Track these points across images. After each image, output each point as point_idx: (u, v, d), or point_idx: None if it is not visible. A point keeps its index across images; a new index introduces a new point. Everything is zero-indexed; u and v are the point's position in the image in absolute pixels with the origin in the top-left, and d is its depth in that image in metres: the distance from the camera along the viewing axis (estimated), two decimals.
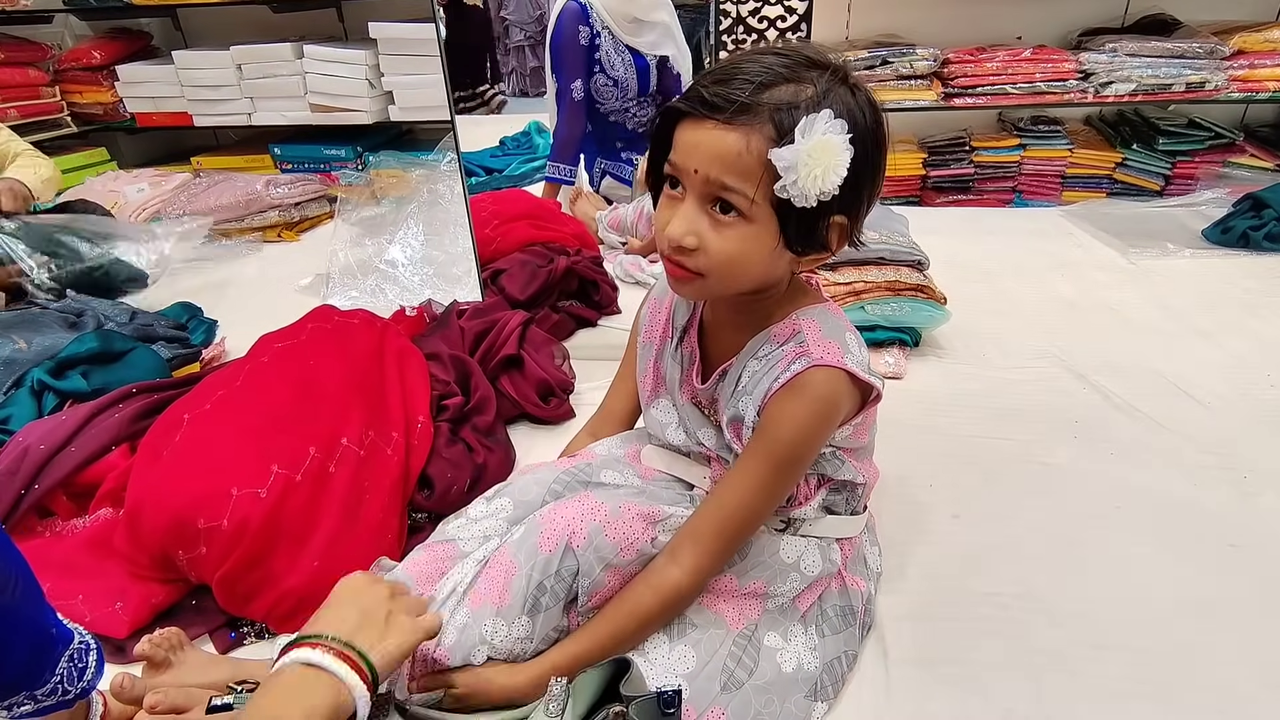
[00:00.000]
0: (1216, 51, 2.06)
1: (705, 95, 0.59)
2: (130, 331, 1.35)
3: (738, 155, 0.59)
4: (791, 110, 0.58)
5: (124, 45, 2.58)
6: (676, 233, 0.62)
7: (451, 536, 0.81)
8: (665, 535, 0.73)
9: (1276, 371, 1.32)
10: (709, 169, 0.60)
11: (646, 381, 0.85)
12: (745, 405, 0.71)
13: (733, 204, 0.61)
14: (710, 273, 0.64)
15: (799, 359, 0.67)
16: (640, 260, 1.84)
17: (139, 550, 0.85)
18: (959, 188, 2.35)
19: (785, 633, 0.75)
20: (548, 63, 2.09)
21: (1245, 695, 0.75)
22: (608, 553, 0.70)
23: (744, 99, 0.58)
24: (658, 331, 0.83)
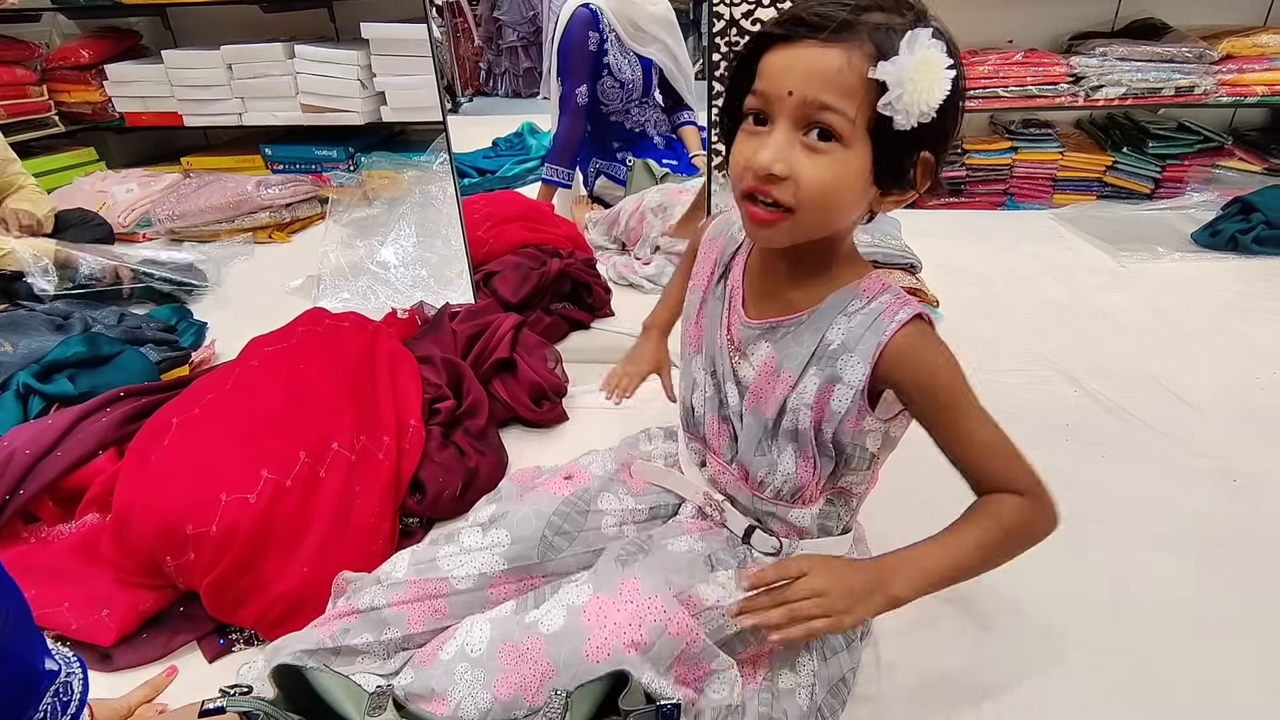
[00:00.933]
0: (1205, 56, 2.08)
1: (804, 16, 0.56)
2: (118, 334, 1.34)
3: (839, 71, 0.56)
4: (889, 31, 0.56)
5: (113, 44, 2.56)
6: (765, 159, 0.58)
7: (444, 572, 0.76)
8: (714, 625, 0.69)
9: (1265, 374, 1.33)
10: (807, 89, 0.56)
11: (691, 329, 0.79)
12: (847, 364, 0.65)
13: (831, 126, 0.57)
14: (801, 206, 0.59)
15: (904, 308, 0.64)
16: (634, 263, 1.84)
17: (126, 556, 0.84)
18: (951, 190, 2.36)
19: (794, 665, 0.74)
20: (553, 66, 2.09)
21: (1238, 699, 0.75)
22: (672, 649, 0.65)
23: (844, 16, 0.56)
24: (706, 273, 0.78)
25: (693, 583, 0.71)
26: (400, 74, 2.36)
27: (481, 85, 5.63)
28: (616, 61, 2.02)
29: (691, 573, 0.72)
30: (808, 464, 0.70)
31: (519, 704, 0.64)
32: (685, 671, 0.66)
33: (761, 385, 0.70)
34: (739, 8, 2.11)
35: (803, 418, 0.67)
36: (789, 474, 0.71)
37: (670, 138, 2.23)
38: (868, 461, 0.72)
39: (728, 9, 2.19)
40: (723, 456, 0.77)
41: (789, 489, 0.72)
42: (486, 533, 0.80)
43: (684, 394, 0.81)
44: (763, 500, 0.75)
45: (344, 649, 0.73)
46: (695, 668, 0.67)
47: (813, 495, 0.73)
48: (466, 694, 0.65)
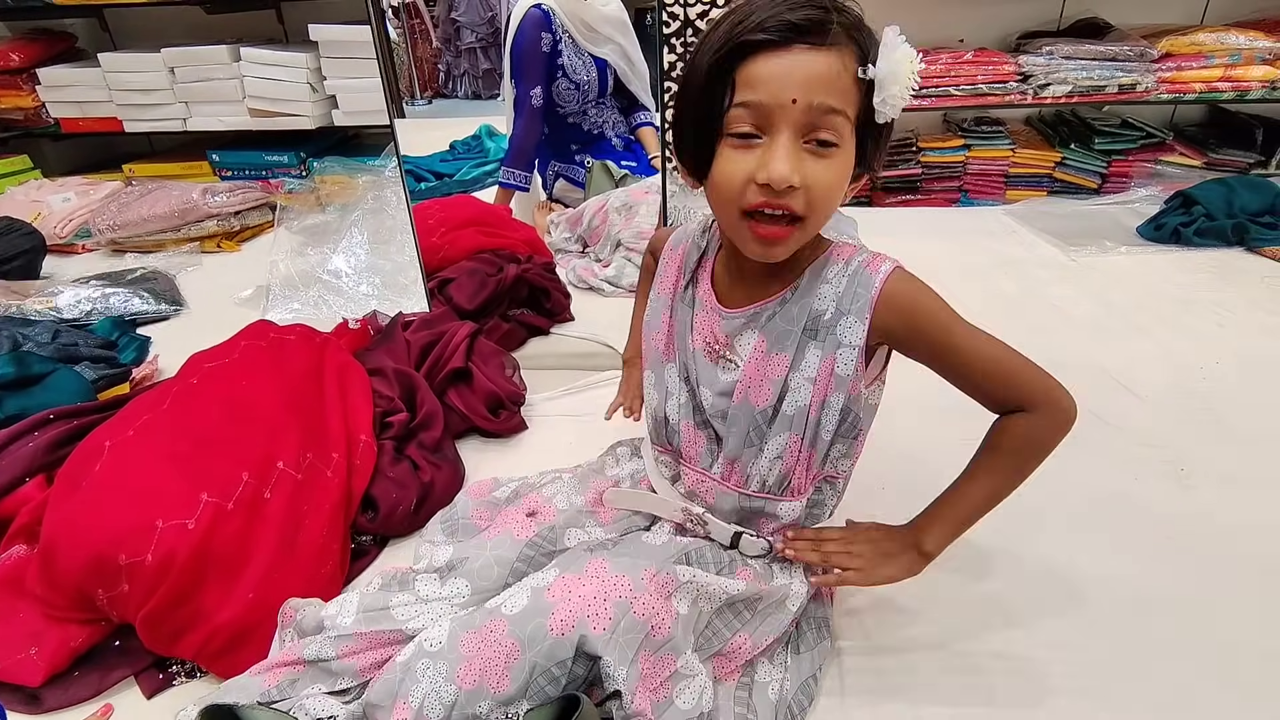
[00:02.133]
0: (1146, 54, 2.14)
1: (793, 20, 0.55)
2: (50, 352, 1.28)
3: (838, 75, 0.56)
4: (861, 31, 0.58)
5: (45, 47, 2.45)
6: (783, 173, 0.56)
7: (398, 623, 0.72)
8: (684, 605, 0.67)
9: (1209, 364, 1.37)
10: (811, 95, 0.56)
11: (660, 338, 0.77)
12: (851, 330, 0.66)
13: (834, 129, 0.57)
14: (811, 211, 0.59)
15: (882, 261, 0.66)
16: (594, 265, 1.82)
17: (55, 590, 0.80)
18: (907, 188, 2.39)
19: (773, 658, 0.74)
20: (506, 69, 2.06)
21: (1187, 689, 0.77)
22: (638, 633, 0.63)
23: (828, 19, 0.56)
24: (670, 282, 0.77)
25: (666, 565, 0.69)
26: (351, 76, 2.30)
27: (440, 87, 5.56)
28: (571, 62, 2.00)
29: (666, 556, 0.71)
30: (799, 449, 0.70)
31: (483, 692, 0.61)
32: (652, 668, 0.64)
33: (753, 373, 0.69)
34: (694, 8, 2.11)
35: (804, 395, 0.68)
36: (778, 462, 0.71)
37: (628, 139, 2.22)
38: (854, 435, 0.73)
39: (682, 9, 2.18)
40: (700, 464, 0.77)
41: (776, 479, 0.72)
42: (445, 582, 0.76)
43: (655, 406, 0.79)
44: (750, 497, 0.74)
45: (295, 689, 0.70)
46: (661, 665, 0.65)
47: (801, 484, 0.73)
48: (430, 689, 0.62)
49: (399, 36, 5.18)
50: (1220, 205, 1.90)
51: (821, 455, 0.71)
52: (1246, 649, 0.81)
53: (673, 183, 1.49)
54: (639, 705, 0.61)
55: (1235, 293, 1.64)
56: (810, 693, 0.74)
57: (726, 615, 0.71)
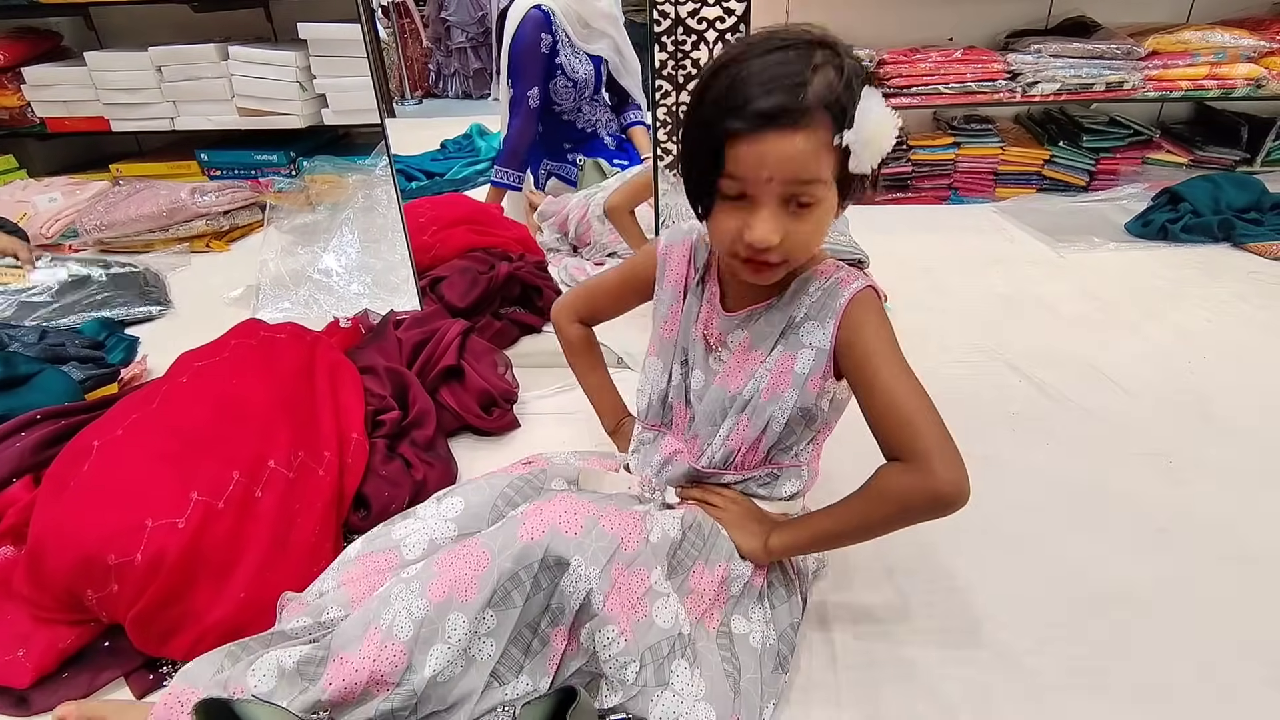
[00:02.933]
0: (1133, 52, 2.16)
1: (761, 109, 0.60)
2: (37, 352, 1.27)
3: (811, 152, 0.62)
4: (838, 96, 0.61)
5: (30, 45, 2.43)
6: (764, 237, 0.64)
7: (395, 540, 0.76)
8: (654, 534, 0.72)
9: (1195, 359, 1.39)
10: (784, 173, 0.62)
11: (668, 329, 0.84)
12: (814, 334, 0.73)
13: (813, 195, 0.64)
14: (792, 255, 0.68)
15: (855, 280, 0.72)
16: (585, 264, 1.82)
17: (43, 591, 0.79)
18: (897, 185, 2.40)
19: (747, 612, 0.77)
20: (503, 68, 2.05)
21: (1176, 679, 0.77)
22: (609, 544, 0.67)
23: (796, 104, 0.60)
24: (680, 275, 0.84)
25: (627, 504, 0.77)
26: (341, 75, 2.29)
27: (430, 87, 5.53)
28: (569, 61, 2.00)
29: (625, 499, 0.79)
30: (746, 431, 0.77)
31: (452, 603, 0.64)
32: (625, 581, 0.67)
33: (734, 364, 0.78)
34: (684, 6, 2.11)
35: (761, 384, 0.75)
36: (727, 439, 0.79)
37: (620, 138, 2.22)
38: (811, 434, 0.79)
39: (674, 8, 2.18)
40: (683, 435, 0.85)
41: (722, 456, 0.80)
42: (441, 502, 0.80)
43: (653, 389, 0.87)
44: (699, 471, 0.82)
45: (276, 635, 0.70)
46: (634, 579, 0.67)
47: (744, 462, 0.80)
48: (400, 607, 0.65)
49: (389, 35, 5.16)
50: (1207, 202, 1.92)
51: (771, 443, 0.78)
52: (1233, 639, 0.81)
53: (664, 181, 1.50)
54: (611, 609, 0.65)
55: (1222, 288, 1.66)
56: (791, 641, 0.78)
57: (685, 546, 0.75)
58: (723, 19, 2.15)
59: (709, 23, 2.17)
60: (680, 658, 0.67)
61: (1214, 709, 0.74)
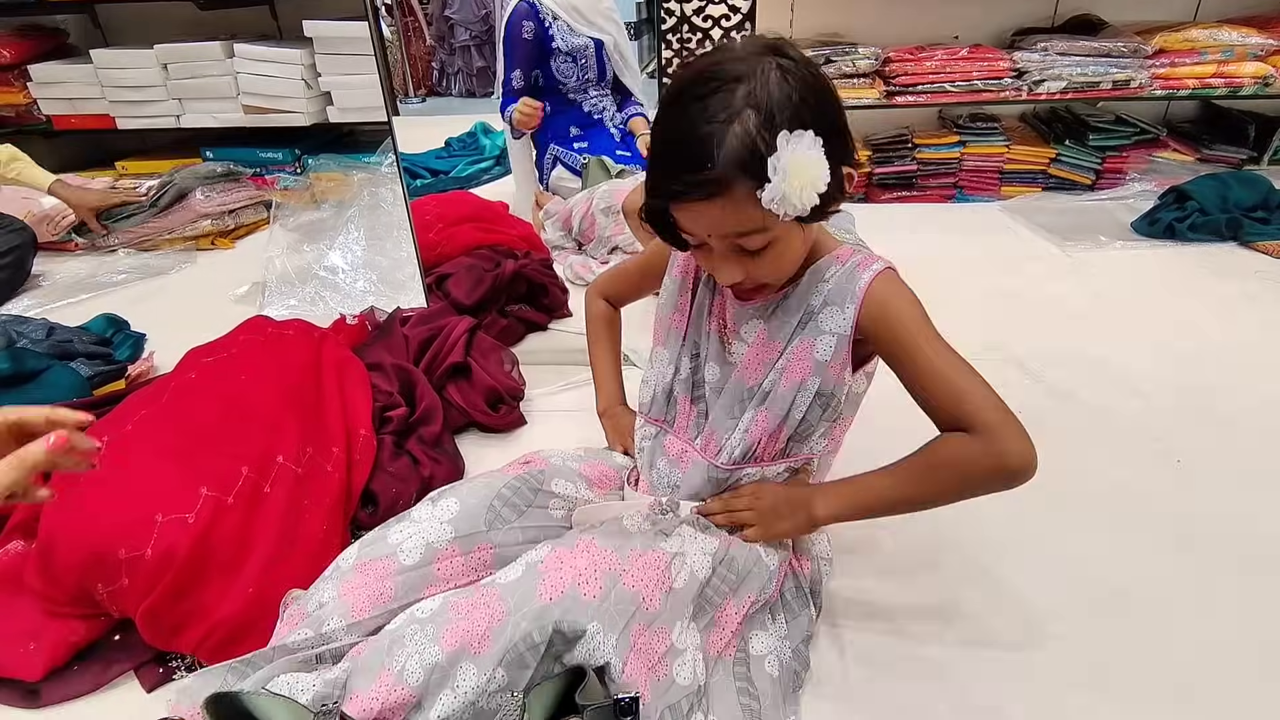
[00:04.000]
0: (1140, 51, 2.15)
1: (678, 188, 0.63)
2: (46, 349, 1.27)
3: (736, 212, 0.62)
4: (753, 154, 0.59)
5: (37, 43, 2.43)
6: (728, 281, 0.69)
7: (391, 546, 0.73)
8: (679, 580, 0.69)
9: (1203, 357, 1.38)
10: (717, 231, 0.65)
11: (677, 319, 0.84)
12: (833, 319, 0.72)
13: (754, 239, 0.65)
14: (770, 279, 0.71)
15: (874, 262, 0.71)
16: (590, 262, 1.82)
17: (54, 586, 0.79)
18: (903, 184, 2.40)
19: (764, 625, 0.77)
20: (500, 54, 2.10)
21: (1186, 677, 0.77)
22: (628, 605, 0.65)
23: (709, 176, 0.60)
24: (690, 265, 0.83)
25: (652, 542, 0.71)
26: (346, 73, 2.30)
27: (434, 85, 5.54)
28: (565, 40, 2.03)
29: (650, 536, 0.73)
30: (767, 423, 0.76)
31: (464, 653, 0.61)
32: (646, 642, 0.65)
33: (752, 357, 0.77)
34: (689, 4, 2.11)
35: (780, 375, 0.74)
36: (746, 435, 0.77)
37: (623, 129, 2.22)
38: (827, 427, 0.78)
39: (679, 5, 2.19)
40: (687, 434, 0.83)
41: (742, 451, 0.78)
42: (435, 504, 0.78)
43: (657, 381, 0.85)
44: (718, 469, 0.80)
45: (279, 649, 0.68)
46: (655, 639, 0.65)
47: (763, 456, 0.78)
48: (413, 651, 0.62)
49: (393, 34, 5.16)
50: (1214, 200, 1.92)
51: (790, 433, 0.77)
52: (1243, 637, 0.81)
53: None
54: (630, 676, 0.62)
55: (1229, 287, 1.66)
56: (804, 657, 0.77)
57: (715, 583, 0.73)
58: (728, 16, 2.15)
59: (714, 20, 2.18)
60: (699, 711, 0.66)
61: (1227, 708, 0.74)
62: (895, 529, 0.97)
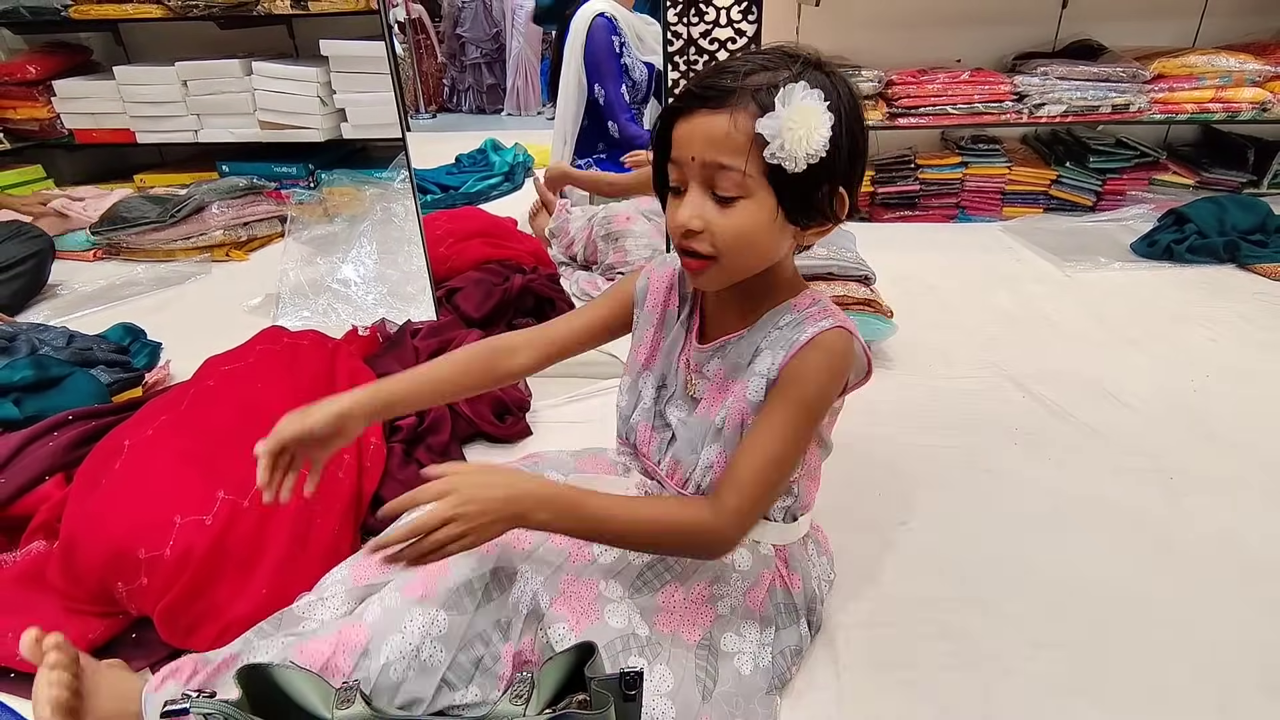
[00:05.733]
0: (1139, 75, 2.19)
1: (693, 89, 0.65)
2: (67, 356, 1.31)
3: (726, 134, 0.63)
4: (770, 89, 0.62)
5: (62, 60, 2.51)
6: (683, 217, 0.66)
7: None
8: (607, 556, 0.74)
9: (1199, 377, 1.40)
10: (703, 153, 0.64)
11: (641, 351, 0.85)
12: (765, 360, 0.72)
13: (731, 183, 0.64)
14: (721, 253, 0.67)
15: (825, 318, 0.71)
16: (597, 279, 1.85)
17: (75, 584, 0.82)
18: (906, 204, 2.43)
19: (740, 631, 0.77)
20: (578, 76, 2.08)
21: (1175, 687, 0.79)
22: (557, 556, 0.73)
23: (727, 85, 0.63)
24: (660, 300, 0.84)
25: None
26: (361, 91, 2.36)
27: (445, 101, 5.62)
28: (632, 63, 2.06)
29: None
30: (723, 459, 0.76)
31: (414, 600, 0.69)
32: (575, 589, 0.71)
33: (712, 393, 0.78)
34: (696, 27, 2.16)
35: (731, 414, 0.74)
36: (710, 471, 0.77)
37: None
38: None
39: (686, 28, 2.24)
40: (652, 459, 0.84)
41: (709, 483, 0.78)
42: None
43: (624, 407, 0.87)
44: (686, 495, 0.81)
45: (286, 613, 0.74)
46: (584, 587, 0.71)
47: None
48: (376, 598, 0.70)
49: (405, 51, 5.25)
50: (1212, 223, 1.94)
51: None
52: (1231, 648, 0.83)
53: None
54: (559, 610, 0.69)
55: (1226, 308, 1.68)
56: (784, 666, 0.78)
57: (656, 567, 0.76)
58: (734, 39, 2.20)
59: (720, 43, 2.22)
60: (637, 654, 0.69)
61: (1214, 715, 0.76)
62: (888, 547, 0.99)
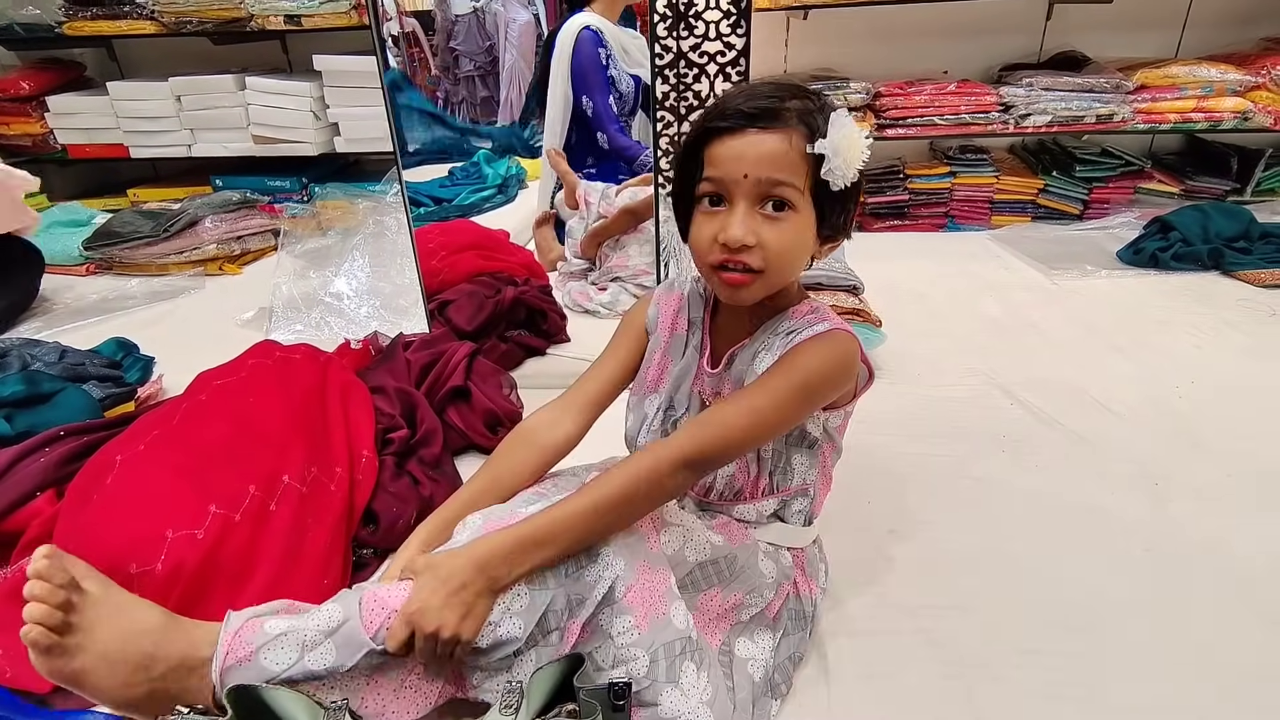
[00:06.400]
0: (1122, 86, 2.22)
1: (743, 109, 0.67)
2: (59, 371, 1.31)
3: (785, 153, 0.67)
4: (813, 114, 0.68)
5: (55, 75, 2.52)
6: (738, 234, 0.68)
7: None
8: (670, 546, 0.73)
9: (1184, 384, 1.42)
10: (759, 170, 0.67)
11: (648, 374, 0.85)
12: (762, 361, 0.74)
13: (785, 198, 0.68)
14: (768, 266, 0.69)
15: (823, 322, 0.74)
16: (590, 289, 1.86)
17: None
18: (895, 214, 2.45)
19: (754, 637, 0.79)
20: (564, 88, 2.10)
21: (1165, 694, 0.79)
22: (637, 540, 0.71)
23: (775, 106, 0.67)
24: (668, 325, 0.85)
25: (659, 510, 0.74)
26: (354, 105, 2.37)
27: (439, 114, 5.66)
28: (618, 74, 2.08)
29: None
30: (745, 464, 0.79)
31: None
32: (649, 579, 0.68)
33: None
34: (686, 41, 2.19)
35: None
36: (729, 476, 0.80)
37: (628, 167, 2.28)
38: (812, 458, 0.80)
39: (676, 42, 2.26)
40: None
41: (731, 490, 0.81)
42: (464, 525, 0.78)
43: (629, 427, 0.88)
44: (709, 504, 0.84)
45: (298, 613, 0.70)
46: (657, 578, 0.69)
47: (753, 494, 0.81)
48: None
49: (399, 65, 5.28)
50: (1196, 231, 1.97)
51: (770, 469, 0.80)
52: (1217, 653, 0.84)
53: (664, 208, 1.55)
54: (631, 601, 0.67)
55: (1211, 315, 1.70)
56: (788, 672, 0.79)
57: (707, 569, 0.76)
58: (723, 53, 2.23)
59: (710, 56, 2.25)
60: (690, 660, 0.69)
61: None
62: (877, 555, 1.00)
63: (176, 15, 2.31)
